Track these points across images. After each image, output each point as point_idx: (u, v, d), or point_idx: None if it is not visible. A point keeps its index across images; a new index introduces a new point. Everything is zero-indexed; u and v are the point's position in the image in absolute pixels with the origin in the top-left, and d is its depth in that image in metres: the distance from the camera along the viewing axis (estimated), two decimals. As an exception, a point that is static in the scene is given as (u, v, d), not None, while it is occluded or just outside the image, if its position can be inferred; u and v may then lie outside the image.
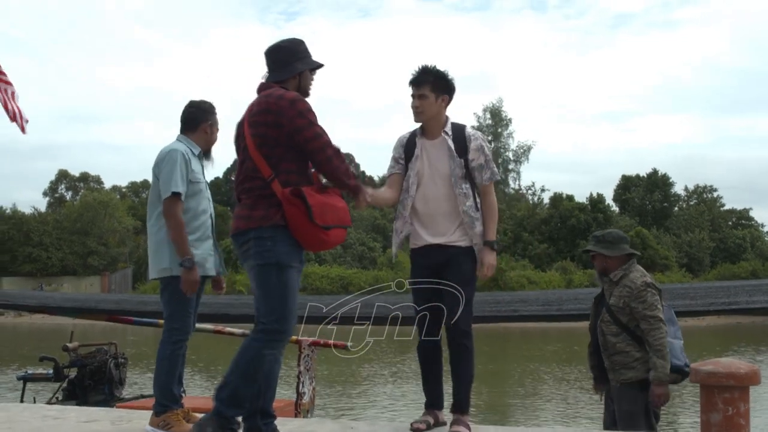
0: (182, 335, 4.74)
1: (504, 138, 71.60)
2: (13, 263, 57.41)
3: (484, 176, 4.63)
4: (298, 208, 3.79)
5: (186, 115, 5.05)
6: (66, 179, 78.94)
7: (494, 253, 4.64)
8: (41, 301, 8.22)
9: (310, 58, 4.21)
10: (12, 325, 40.80)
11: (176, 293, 4.69)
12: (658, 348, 4.77)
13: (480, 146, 4.63)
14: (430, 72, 4.62)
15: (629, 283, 4.97)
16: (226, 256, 16.87)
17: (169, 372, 4.69)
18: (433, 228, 4.60)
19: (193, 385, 15.64)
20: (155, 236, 4.84)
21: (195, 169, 4.88)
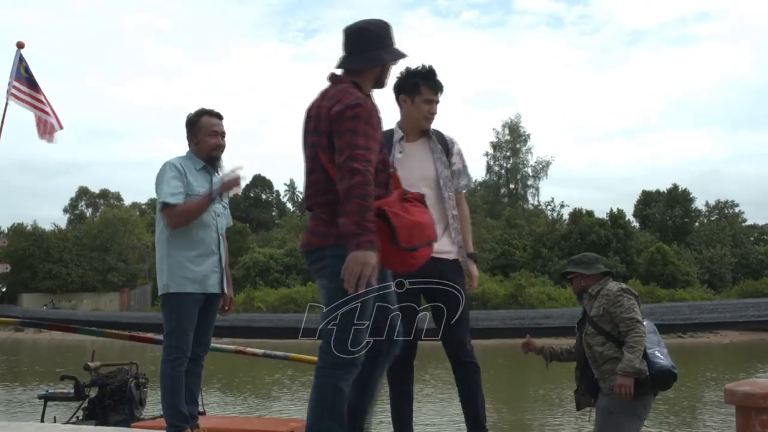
0: (180, 353, 4.65)
1: (522, 153, 71.47)
2: (34, 279, 57.71)
3: (461, 182, 4.50)
4: (380, 229, 3.36)
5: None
6: (86, 196, 79.44)
7: (475, 265, 4.54)
8: (63, 318, 8.19)
9: (394, 47, 3.70)
10: (32, 341, 40.89)
11: (173, 311, 4.67)
12: (632, 345, 4.75)
13: (459, 150, 4.52)
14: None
15: (606, 292, 5.01)
16: (245, 272, 16.79)
17: (173, 391, 4.63)
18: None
19: (212, 404, 15.57)
20: (158, 252, 4.83)
21: (193, 182, 4.80)
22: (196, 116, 4.97)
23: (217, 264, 4.87)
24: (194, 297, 4.72)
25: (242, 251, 58.71)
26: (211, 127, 4.95)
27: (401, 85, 4.47)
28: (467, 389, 4.38)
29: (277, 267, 54.68)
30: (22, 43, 8.83)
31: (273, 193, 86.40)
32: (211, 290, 4.81)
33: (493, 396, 17.14)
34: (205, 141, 4.92)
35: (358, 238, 3.24)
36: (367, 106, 3.45)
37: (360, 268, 3.23)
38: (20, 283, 56.64)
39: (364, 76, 3.62)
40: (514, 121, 70.90)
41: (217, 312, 5.00)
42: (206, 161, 4.93)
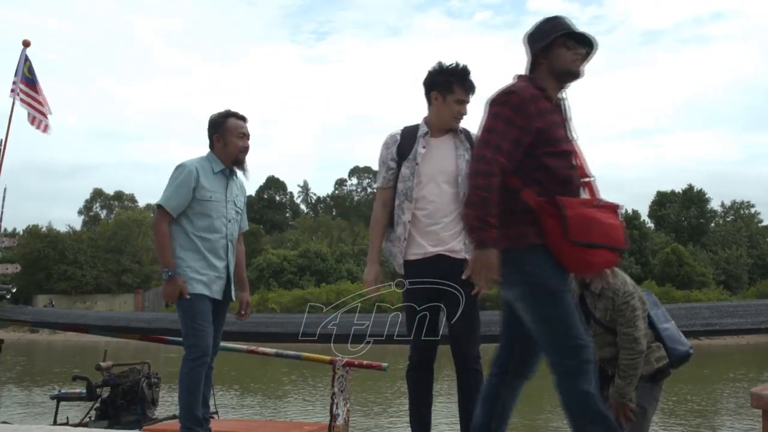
0: (200, 352, 4.60)
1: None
2: (48, 281, 57.88)
3: None
4: (555, 220, 3.16)
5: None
6: (101, 198, 79.82)
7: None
8: (74, 320, 8.16)
9: (555, 31, 3.44)
10: (46, 342, 41.08)
11: (187, 312, 4.63)
12: (624, 368, 4.44)
13: None
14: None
15: (611, 294, 4.58)
16: (258, 273, 16.74)
17: (189, 391, 4.57)
18: (433, 234, 4.24)
19: (224, 405, 15.53)
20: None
21: (207, 186, 4.76)
22: (222, 117, 4.94)
23: (224, 271, 4.82)
24: (204, 297, 4.68)
25: (256, 253, 58.73)
26: (239, 128, 4.93)
27: (434, 81, 4.36)
28: (465, 396, 4.24)
29: (290, 268, 54.64)
30: (28, 41, 8.82)
31: (286, 194, 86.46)
32: (216, 296, 4.77)
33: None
34: (233, 143, 4.89)
35: (480, 233, 3.10)
36: (521, 95, 3.25)
37: (482, 269, 3.11)
38: (35, 285, 56.79)
39: (539, 71, 3.42)
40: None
41: (224, 317, 4.96)
42: (232, 164, 4.92)
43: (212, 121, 4.95)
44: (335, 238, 63.52)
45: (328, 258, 55.82)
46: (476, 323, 4.26)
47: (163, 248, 4.64)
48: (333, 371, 6.46)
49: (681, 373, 21.93)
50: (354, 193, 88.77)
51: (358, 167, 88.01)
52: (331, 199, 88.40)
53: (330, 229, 67.23)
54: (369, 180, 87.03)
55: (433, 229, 4.23)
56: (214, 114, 4.98)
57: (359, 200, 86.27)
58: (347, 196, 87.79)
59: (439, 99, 4.33)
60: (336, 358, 6.38)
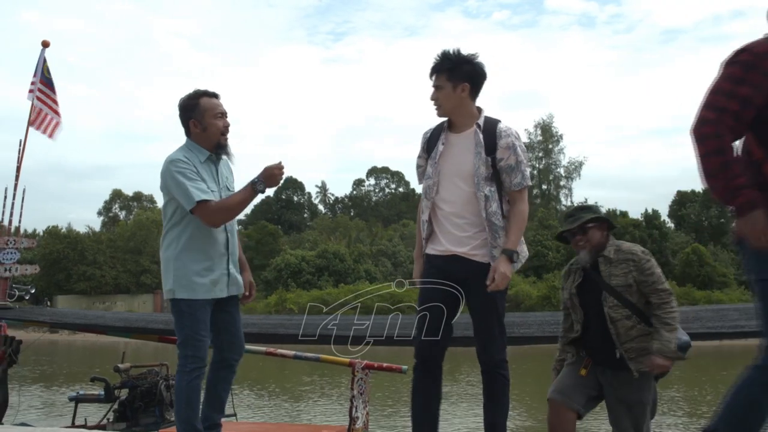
0: (199, 363, 4.28)
1: (555, 154, 70.96)
2: (68, 281, 58.20)
3: (513, 180, 4.01)
4: None
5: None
6: (120, 199, 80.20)
7: (511, 264, 3.92)
8: (92, 321, 8.13)
9: None
10: (66, 342, 41.21)
11: (185, 317, 4.30)
12: (668, 321, 4.30)
13: (511, 144, 4.01)
14: (449, 58, 4.09)
15: (630, 256, 4.47)
16: (277, 274, 16.63)
17: (188, 404, 4.26)
18: (451, 235, 4.07)
19: (242, 406, 15.46)
20: (163, 254, 4.44)
21: (204, 177, 4.37)
22: (192, 99, 4.48)
23: (226, 267, 4.47)
24: (204, 302, 4.35)
25: (274, 253, 58.83)
26: (216, 108, 4.47)
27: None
28: (490, 398, 4.11)
29: (308, 269, 54.68)
30: (47, 42, 8.78)
31: (304, 195, 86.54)
32: (219, 295, 4.42)
33: (519, 400, 16.89)
34: (213, 124, 4.44)
35: (736, 200, 2.84)
36: (755, 51, 2.92)
37: (756, 235, 2.82)
38: (55, 285, 57.14)
39: None
40: (547, 121, 70.54)
41: (239, 312, 4.65)
42: (214, 148, 4.48)
43: (183, 105, 4.49)
44: (353, 239, 63.50)
45: (347, 258, 55.82)
46: (495, 326, 4.07)
47: (230, 203, 4.33)
48: (352, 374, 6.38)
49: (708, 375, 21.61)
50: (372, 193, 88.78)
51: (376, 167, 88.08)
52: (349, 199, 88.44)
53: (348, 230, 67.24)
54: (387, 180, 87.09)
55: (450, 229, 4.09)
56: (183, 97, 4.51)
57: (377, 201, 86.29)
58: (365, 197, 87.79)
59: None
60: (355, 361, 6.29)
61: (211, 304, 4.38)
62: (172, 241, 4.39)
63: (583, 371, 4.59)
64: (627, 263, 4.47)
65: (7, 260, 7.95)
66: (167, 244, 4.42)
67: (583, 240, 4.61)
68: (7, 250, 7.96)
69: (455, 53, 4.10)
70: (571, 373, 4.64)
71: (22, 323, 7.63)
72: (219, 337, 4.49)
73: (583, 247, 4.61)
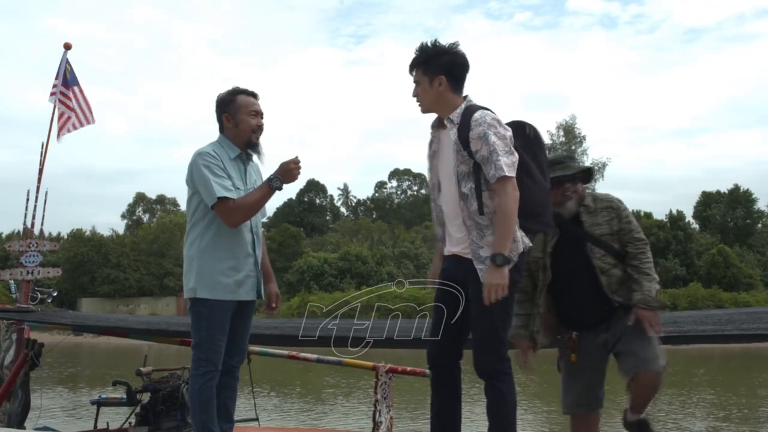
0: (211, 366, 4.18)
1: (578, 155, 70.49)
2: (92, 284, 58.59)
3: (489, 172, 3.68)
4: None
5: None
6: (143, 202, 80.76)
7: (500, 269, 3.59)
8: (114, 324, 8.09)
9: None
10: (90, 345, 41.45)
11: (203, 318, 4.20)
12: (647, 271, 4.18)
13: (482, 134, 3.68)
14: (425, 51, 3.89)
15: (609, 204, 4.34)
16: (299, 276, 16.52)
17: (203, 408, 4.17)
18: (451, 236, 3.93)
19: (264, 410, 15.41)
20: (186, 252, 4.33)
21: (230, 173, 4.28)
22: (230, 95, 4.45)
23: (252, 268, 4.37)
24: (226, 304, 4.24)
25: (296, 255, 58.89)
26: (251, 106, 4.43)
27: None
28: (487, 412, 3.85)
29: (331, 271, 54.71)
30: (69, 44, 8.74)
31: (327, 197, 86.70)
32: (244, 297, 4.33)
33: (540, 399, 16.73)
34: (245, 121, 4.38)
35: None
36: None
37: None
38: (79, 288, 57.56)
39: None
40: (569, 122, 70.08)
41: (252, 317, 4.53)
42: (245, 146, 4.41)
43: (220, 100, 4.46)
44: (375, 241, 63.47)
45: (369, 261, 55.79)
46: (487, 333, 3.77)
47: (248, 201, 4.21)
48: (376, 377, 6.30)
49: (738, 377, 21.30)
50: (394, 195, 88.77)
51: (398, 170, 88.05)
52: (371, 201, 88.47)
53: (370, 232, 67.21)
54: (409, 182, 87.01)
55: (450, 230, 3.96)
56: (221, 92, 4.49)
57: (399, 203, 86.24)
58: (387, 199, 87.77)
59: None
60: (379, 365, 6.21)
61: (232, 307, 4.28)
62: (196, 238, 4.30)
63: (573, 357, 4.39)
64: (608, 211, 4.34)
65: (30, 263, 7.92)
66: (191, 242, 4.32)
67: (572, 189, 4.40)
68: (29, 253, 7.92)
69: (432, 45, 3.90)
70: (573, 373, 4.44)
71: (44, 326, 7.58)
72: (228, 341, 4.37)
73: (570, 197, 4.38)
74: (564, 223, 4.33)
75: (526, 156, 3.88)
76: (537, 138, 4.04)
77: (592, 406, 4.41)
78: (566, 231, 4.34)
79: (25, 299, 7.79)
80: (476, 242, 3.75)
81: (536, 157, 3.98)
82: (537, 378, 17.99)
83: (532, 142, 4.00)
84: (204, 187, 4.20)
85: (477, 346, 3.80)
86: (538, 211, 3.92)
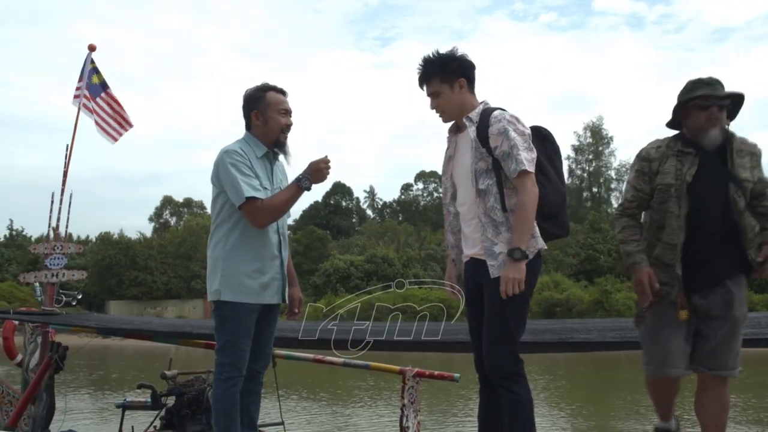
0: (235, 371, 4.10)
1: (605, 156, 70.24)
2: (120, 287, 58.91)
3: (509, 167, 3.68)
4: None
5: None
6: (170, 205, 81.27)
7: (518, 264, 3.58)
8: (138, 327, 8.06)
9: None
10: (118, 347, 41.64)
11: (227, 322, 4.10)
12: None
13: (502, 129, 3.71)
14: (434, 61, 3.90)
15: (753, 149, 3.90)
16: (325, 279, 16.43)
17: (226, 414, 4.10)
18: (467, 237, 3.88)
19: (290, 413, 15.35)
20: (211, 253, 4.24)
21: (257, 172, 4.17)
22: (259, 91, 4.34)
23: (278, 270, 4.26)
24: (251, 307, 4.14)
25: (323, 258, 58.92)
26: (280, 104, 4.32)
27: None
28: (505, 414, 3.72)
29: (357, 273, 54.65)
30: (94, 45, 8.72)
31: (353, 200, 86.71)
32: (269, 301, 4.23)
33: (574, 400, 16.56)
34: (274, 119, 4.28)
35: None
36: None
37: None
38: (107, 291, 57.94)
39: None
40: (596, 123, 69.86)
41: (276, 321, 4.43)
42: (273, 144, 4.29)
43: (248, 97, 4.35)
44: (402, 243, 63.36)
45: (395, 263, 55.68)
46: (498, 332, 3.72)
47: (277, 201, 4.10)
48: (403, 382, 6.19)
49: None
50: (420, 197, 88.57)
51: (424, 172, 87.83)
52: (397, 204, 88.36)
53: (396, 234, 67.10)
54: (435, 185, 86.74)
55: (466, 232, 3.93)
56: (250, 88, 4.38)
57: (425, 205, 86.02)
58: (413, 201, 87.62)
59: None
60: (406, 369, 6.11)
61: (257, 310, 4.19)
62: (221, 240, 4.20)
63: (684, 314, 3.84)
64: (751, 157, 3.90)
65: (54, 265, 7.90)
66: (215, 243, 4.23)
67: (717, 115, 3.88)
68: (54, 256, 7.91)
69: (436, 55, 3.92)
70: (670, 330, 3.89)
71: (69, 329, 7.56)
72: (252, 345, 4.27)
73: (715, 123, 3.88)
74: (706, 155, 3.88)
75: (542, 158, 3.86)
76: (552, 143, 4.02)
77: (684, 370, 3.90)
78: (707, 164, 3.87)
79: (50, 302, 7.78)
80: (491, 239, 3.73)
81: (551, 160, 3.96)
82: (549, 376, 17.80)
83: (547, 146, 3.98)
84: (231, 186, 4.10)
85: (489, 346, 3.74)
86: (553, 213, 3.87)
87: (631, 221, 4.03)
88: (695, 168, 3.85)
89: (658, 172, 3.92)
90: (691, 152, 3.89)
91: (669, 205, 3.87)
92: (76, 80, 8.56)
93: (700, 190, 3.82)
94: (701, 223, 3.83)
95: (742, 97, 4.01)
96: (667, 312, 3.90)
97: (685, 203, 3.82)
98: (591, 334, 5.92)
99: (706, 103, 3.88)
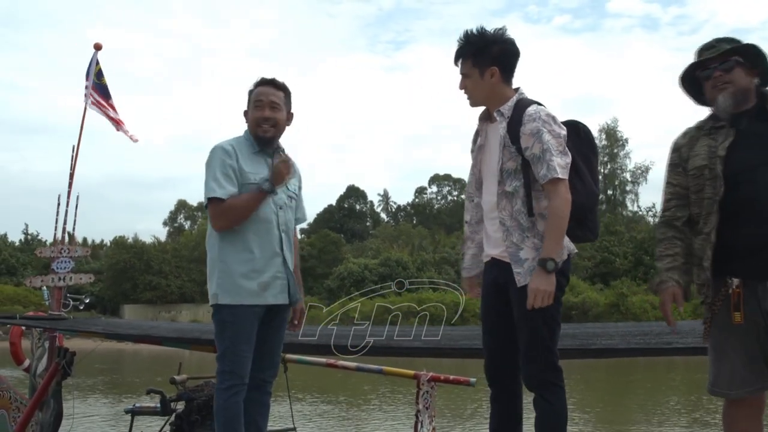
0: (236, 379, 3.87)
1: (620, 158, 69.86)
2: (134, 291, 59.09)
3: (539, 172, 3.41)
4: None
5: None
6: (185, 209, 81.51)
7: (549, 275, 3.33)
8: (146, 332, 7.93)
9: None
10: (132, 351, 41.67)
11: (226, 326, 3.89)
12: None
13: (535, 130, 3.41)
14: (472, 41, 3.58)
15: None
16: (339, 282, 16.22)
17: (227, 425, 3.86)
18: (489, 237, 3.63)
19: (301, 418, 15.20)
20: (208, 254, 4.08)
21: (247, 168, 3.97)
22: (252, 87, 4.19)
23: (281, 268, 4.01)
24: (251, 309, 3.91)
25: (337, 261, 58.90)
26: (258, 96, 4.10)
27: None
28: (537, 424, 3.51)
29: (371, 277, 54.57)
30: (100, 44, 8.61)
31: (367, 203, 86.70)
32: (272, 301, 3.98)
33: (592, 402, 16.36)
34: (250, 113, 4.11)
35: None
36: None
37: None
38: (122, 295, 58.09)
39: None
40: (611, 125, 69.55)
41: (285, 326, 4.19)
42: (256, 140, 4.08)
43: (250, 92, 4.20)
44: (416, 247, 63.24)
45: (410, 266, 55.59)
46: (531, 341, 3.49)
47: (237, 204, 3.89)
48: (417, 387, 6.03)
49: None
50: (434, 201, 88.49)
51: (438, 175, 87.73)
52: (411, 207, 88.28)
53: (411, 238, 67.01)
54: (449, 188, 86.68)
55: (489, 231, 3.67)
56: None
57: (439, 208, 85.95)
58: (427, 204, 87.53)
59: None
60: (421, 373, 5.94)
61: (259, 313, 3.96)
62: (216, 240, 4.02)
63: (738, 316, 3.21)
64: None
65: (61, 269, 7.77)
66: (211, 244, 4.07)
67: (722, 79, 3.42)
68: (60, 259, 7.78)
69: (479, 33, 3.59)
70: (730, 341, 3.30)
71: (76, 333, 7.44)
72: (258, 352, 4.05)
73: (723, 88, 3.41)
74: (741, 122, 3.36)
75: (578, 158, 3.56)
76: (590, 140, 3.73)
77: (759, 384, 3.29)
78: (746, 132, 3.35)
79: (57, 306, 7.65)
80: (516, 244, 3.48)
81: (587, 159, 3.65)
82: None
83: (584, 143, 3.67)
84: (204, 184, 3.95)
85: (523, 355, 3.52)
86: (582, 216, 3.57)
87: (669, 231, 3.51)
88: (730, 140, 3.33)
89: (688, 158, 3.46)
90: (723, 126, 3.39)
91: (705, 191, 3.35)
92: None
93: (740, 162, 3.28)
94: (749, 199, 3.24)
95: (755, 49, 3.44)
96: (726, 320, 3.30)
97: (720, 182, 3.27)
98: (613, 339, 5.73)
99: (707, 72, 3.49)
